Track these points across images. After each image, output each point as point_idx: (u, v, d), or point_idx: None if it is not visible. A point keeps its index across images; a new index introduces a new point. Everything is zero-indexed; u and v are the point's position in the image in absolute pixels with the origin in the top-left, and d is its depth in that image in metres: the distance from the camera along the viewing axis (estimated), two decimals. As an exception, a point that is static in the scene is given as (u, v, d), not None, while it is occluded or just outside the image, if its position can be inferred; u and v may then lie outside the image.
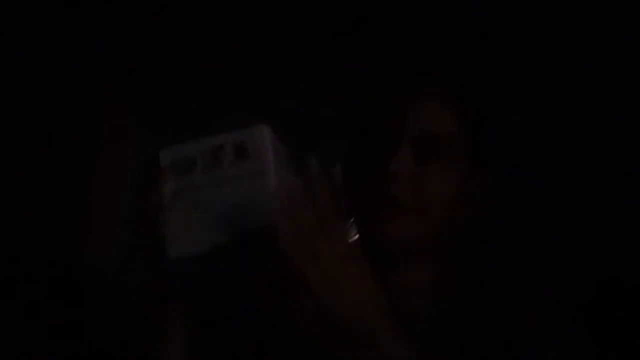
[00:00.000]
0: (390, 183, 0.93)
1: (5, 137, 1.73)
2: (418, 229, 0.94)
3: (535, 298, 0.94)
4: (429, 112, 0.97)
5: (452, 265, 1.00)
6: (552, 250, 1.62)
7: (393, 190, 0.93)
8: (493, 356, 0.90)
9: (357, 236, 0.91)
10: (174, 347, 0.91)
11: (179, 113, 1.77)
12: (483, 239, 1.14)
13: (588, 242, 1.61)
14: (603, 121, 1.64)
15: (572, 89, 1.66)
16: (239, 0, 1.82)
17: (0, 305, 1.66)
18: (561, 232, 1.64)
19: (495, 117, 1.58)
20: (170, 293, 0.90)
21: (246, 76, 1.77)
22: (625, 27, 1.64)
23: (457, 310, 0.95)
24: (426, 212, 0.94)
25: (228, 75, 1.78)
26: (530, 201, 1.66)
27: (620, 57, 1.64)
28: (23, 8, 1.76)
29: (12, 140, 1.73)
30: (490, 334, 0.91)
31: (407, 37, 1.72)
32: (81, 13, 1.78)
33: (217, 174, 0.86)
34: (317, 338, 0.85)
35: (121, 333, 1.63)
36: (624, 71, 1.64)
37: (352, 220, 0.92)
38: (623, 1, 1.62)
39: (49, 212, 1.72)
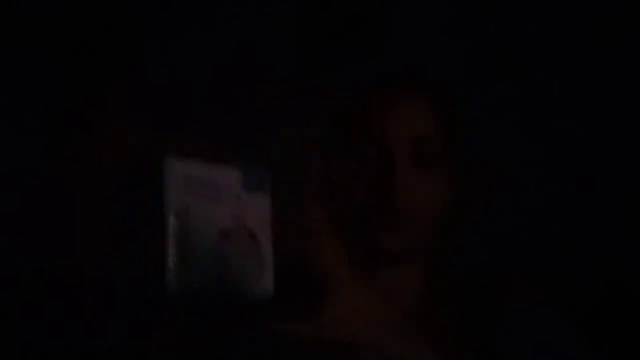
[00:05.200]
0: (389, 192, 0.93)
1: (4, 135, 1.73)
2: (414, 235, 0.94)
3: (525, 297, 0.95)
4: (416, 116, 0.97)
5: (444, 265, 1.00)
6: (549, 250, 1.62)
7: (392, 200, 0.93)
8: (481, 353, 0.90)
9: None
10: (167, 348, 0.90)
11: (179, 113, 1.77)
12: (476, 238, 1.14)
13: (587, 241, 1.61)
14: (603, 120, 1.65)
15: (573, 89, 1.67)
16: (238, 0, 1.82)
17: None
18: (558, 231, 1.64)
19: (495, 117, 1.58)
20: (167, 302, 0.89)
21: (246, 76, 1.77)
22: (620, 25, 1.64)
23: (447, 309, 0.95)
24: (423, 219, 0.94)
25: (228, 75, 1.78)
26: (527, 199, 1.66)
27: (621, 58, 1.64)
28: (23, 7, 1.76)
29: (10, 139, 1.73)
30: (479, 332, 0.92)
31: (407, 37, 1.72)
32: (82, 12, 1.78)
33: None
34: None
35: (119, 333, 1.63)
36: (624, 72, 1.64)
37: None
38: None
39: (48, 212, 1.72)
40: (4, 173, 1.72)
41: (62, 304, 1.69)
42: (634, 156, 1.63)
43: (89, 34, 1.78)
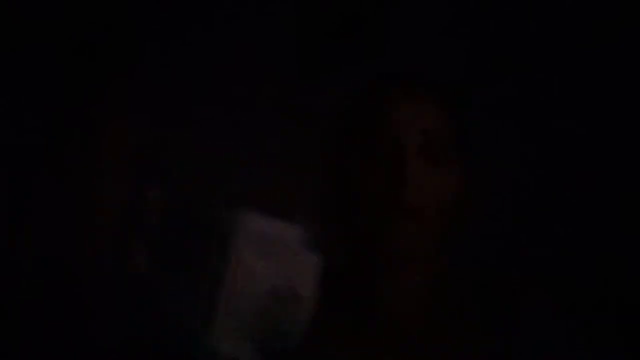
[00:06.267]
0: (400, 189, 0.92)
1: (4, 135, 1.73)
2: (426, 235, 0.94)
3: (529, 297, 0.95)
4: (424, 112, 0.97)
5: (453, 265, 1.00)
6: (549, 250, 1.62)
7: (403, 197, 0.92)
8: (488, 354, 0.91)
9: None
10: None
11: (179, 113, 1.78)
12: (476, 238, 1.14)
13: (587, 241, 1.61)
14: (603, 120, 1.65)
15: (573, 89, 1.67)
16: (238, 0, 1.82)
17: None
18: (558, 231, 1.64)
19: (495, 117, 1.58)
20: None
21: (246, 76, 1.77)
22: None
23: (456, 310, 0.95)
24: (434, 217, 0.94)
25: (228, 75, 1.78)
26: (527, 199, 1.66)
27: (621, 58, 1.64)
28: (23, 7, 1.76)
29: (10, 139, 1.73)
30: (486, 334, 0.92)
31: (407, 37, 1.72)
32: (82, 12, 1.78)
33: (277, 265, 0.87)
34: None
35: (119, 333, 1.63)
36: (624, 72, 1.64)
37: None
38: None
39: (48, 212, 1.72)
40: (4, 173, 1.72)
41: (62, 304, 1.69)
42: (634, 156, 1.63)
43: (89, 34, 1.78)
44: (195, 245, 1.43)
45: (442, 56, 1.65)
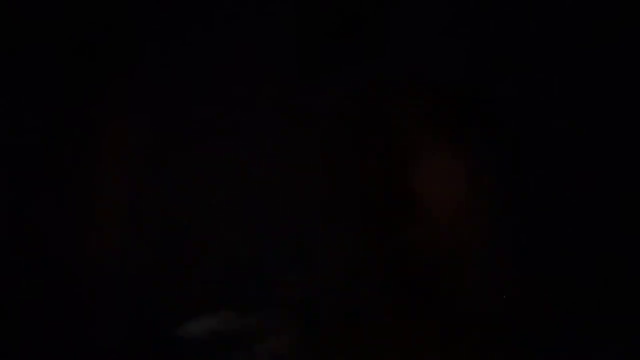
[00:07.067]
0: (400, 188, 0.93)
1: (4, 135, 1.73)
2: (427, 229, 0.94)
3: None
4: (423, 112, 0.98)
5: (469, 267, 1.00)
6: (549, 249, 1.62)
7: (403, 195, 0.93)
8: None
9: None
10: None
11: (179, 113, 1.78)
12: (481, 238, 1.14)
13: (587, 241, 1.61)
14: (603, 120, 1.65)
15: (573, 89, 1.67)
16: (238, 0, 1.82)
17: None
18: (558, 231, 1.64)
19: (495, 117, 1.58)
20: None
21: (246, 76, 1.77)
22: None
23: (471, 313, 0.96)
24: (436, 213, 0.94)
25: (228, 75, 1.78)
26: (528, 198, 1.66)
27: (621, 58, 1.64)
28: (23, 7, 1.76)
29: (10, 139, 1.73)
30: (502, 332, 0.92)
31: (407, 37, 1.72)
32: (82, 12, 1.78)
33: None
34: None
35: (120, 332, 1.63)
36: (624, 72, 1.64)
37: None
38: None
39: (47, 212, 1.72)
40: (4, 173, 1.72)
41: (62, 304, 1.69)
42: (634, 156, 1.63)
43: (89, 34, 1.78)
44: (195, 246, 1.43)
45: (442, 56, 1.65)
